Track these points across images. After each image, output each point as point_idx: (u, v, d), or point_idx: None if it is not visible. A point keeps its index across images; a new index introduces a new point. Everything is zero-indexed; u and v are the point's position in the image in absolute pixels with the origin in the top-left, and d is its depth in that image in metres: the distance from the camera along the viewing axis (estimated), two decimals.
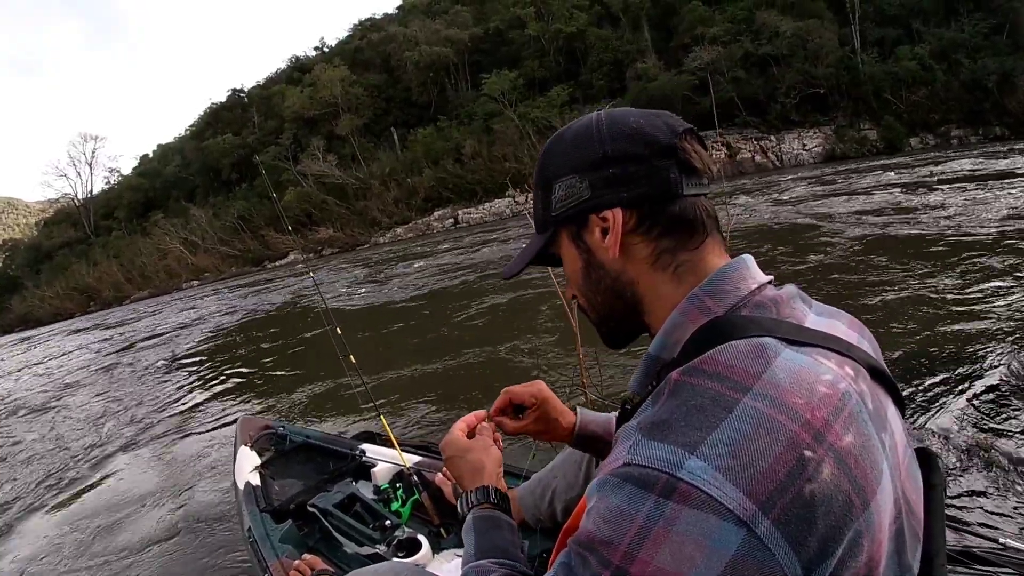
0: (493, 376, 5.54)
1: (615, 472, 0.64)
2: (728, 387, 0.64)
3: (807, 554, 0.57)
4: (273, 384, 7.18)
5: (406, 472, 2.35)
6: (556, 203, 0.85)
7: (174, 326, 16.47)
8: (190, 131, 61.32)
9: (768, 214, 13.11)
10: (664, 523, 0.58)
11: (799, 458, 0.59)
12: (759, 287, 0.78)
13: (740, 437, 0.60)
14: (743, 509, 0.57)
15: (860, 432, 0.63)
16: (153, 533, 3.58)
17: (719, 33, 35.22)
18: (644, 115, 0.82)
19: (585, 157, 0.82)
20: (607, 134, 0.81)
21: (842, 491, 0.59)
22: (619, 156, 0.79)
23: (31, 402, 9.55)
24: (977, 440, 2.86)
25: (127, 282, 43.72)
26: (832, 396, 0.64)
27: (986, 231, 7.64)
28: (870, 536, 0.61)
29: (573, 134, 0.85)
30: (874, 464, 0.63)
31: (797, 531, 0.57)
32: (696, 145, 0.81)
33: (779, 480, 0.58)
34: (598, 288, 0.87)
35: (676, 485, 0.59)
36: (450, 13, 47.94)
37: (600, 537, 0.62)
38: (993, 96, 27.97)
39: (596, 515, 0.64)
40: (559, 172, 0.85)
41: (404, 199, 38.87)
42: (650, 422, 0.66)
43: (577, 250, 0.87)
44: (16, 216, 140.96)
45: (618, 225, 0.80)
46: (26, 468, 5.70)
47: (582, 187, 0.82)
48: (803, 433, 0.60)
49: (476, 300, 9.71)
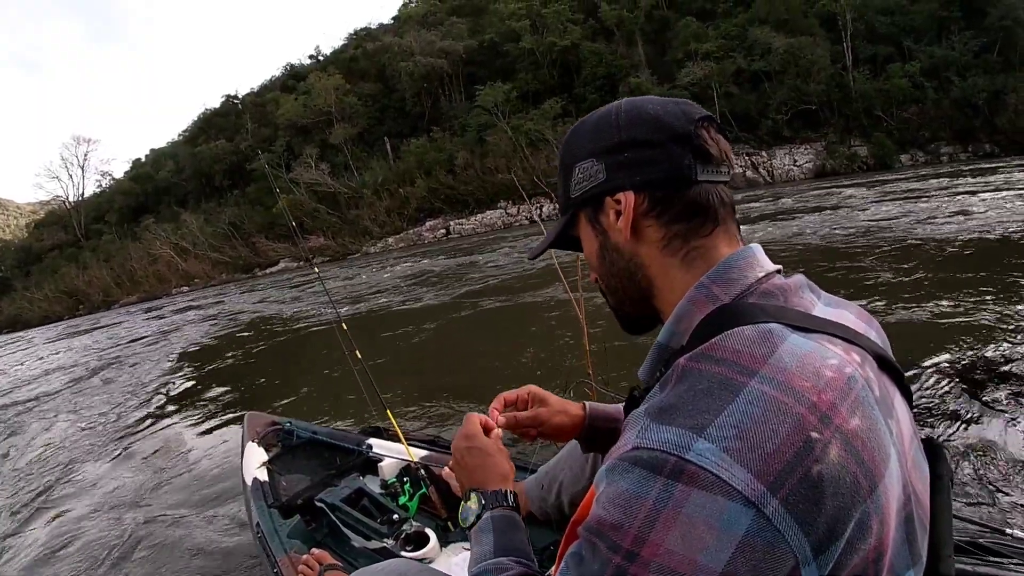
0: (497, 370, 5.57)
1: (624, 456, 0.65)
2: (735, 371, 0.64)
3: (816, 535, 0.58)
4: (279, 381, 7.16)
5: (413, 466, 2.36)
6: (575, 185, 0.88)
7: (174, 327, 16.40)
8: (183, 136, 61.35)
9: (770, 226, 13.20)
10: (673, 505, 0.59)
11: (806, 439, 0.59)
12: (766, 275, 0.80)
13: (747, 419, 0.60)
14: (751, 490, 0.57)
15: (867, 416, 0.64)
16: (161, 529, 3.56)
17: (712, 49, 35.57)
18: (663, 103, 0.84)
19: (603, 142, 0.85)
20: (624, 120, 0.83)
21: (850, 472, 0.59)
22: (635, 141, 0.82)
23: (27, 399, 9.49)
24: (985, 431, 2.89)
25: (116, 286, 43.48)
26: (838, 380, 0.64)
27: (992, 236, 7.71)
28: (878, 519, 0.61)
29: (594, 120, 0.88)
30: (881, 448, 0.64)
31: (806, 511, 0.57)
32: (713, 132, 0.82)
33: (786, 461, 0.58)
34: (612, 270, 0.89)
35: (684, 467, 0.59)
36: (445, 24, 48.05)
37: (610, 521, 0.62)
38: (983, 114, 28.37)
39: (605, 500, 0.64)
40: (579, 156, 0.87)
41: (396, 209, 38.88)
42: (658, 407, 0.66)
43: (594, 231, 0.89)
44: (7, 217, 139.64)
45: (630, 207, 0.82)
46: (27, 464, 5.67)
47: (598, 170, 0.84)
48: (809, 415, 0.60)
49: (477, 300, 9.75)
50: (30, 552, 3.67)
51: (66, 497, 4.56)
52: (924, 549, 0.73)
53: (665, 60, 38.28)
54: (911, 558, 0.68)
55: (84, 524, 3.92)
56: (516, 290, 9.84)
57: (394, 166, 41.61)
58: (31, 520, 4.25)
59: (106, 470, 5.00)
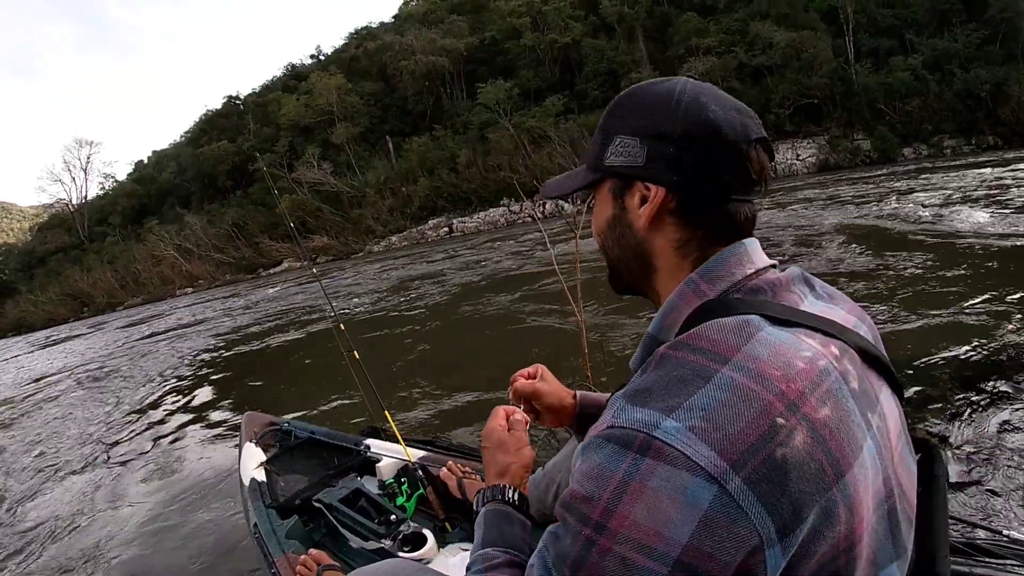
0: (496, 369, 5.56)
1: (599, 434, 0.68)
2: (708, 359, 0.67)
3: (780, 517, 0.59)
4: (277, 381, 7.18)
5: (411, 467, 2.36)
6: (610, 155, 0.86)
7: (176, 329, 16.42)
8: (186, 137, 61.33)
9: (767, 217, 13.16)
10: (640, 478, 0.61)
11: (771, 424, 0.61)
12: (756, 272, 0.81)
13: (715, 403, 0.62)
14: (714, 466, 0.59)
15: (838, 407, 0.66)
16: (158, 529, 3.57)
17: (713, 44, 35.48)
18: (725, 108, 0.81)
19: (653, 125, 0.82)
20: (683, 113, 0.80)
21: (815, 459, 0.61)
22: (685, 140, 0.79)
23: (27, 399, 9.53)
24: (981, 432, 2.87)
25: (121, 288, 43.55)
26: (810, 371, 0.66)
27: (986, 235, 7.68)
28: (847, 508, 0.63)
29: (653, 97, 0.84)
30: (852, 439, 0.65)
31: (768, 492, 0.59)
32: (762, 156, 0.82)
33: (750, 442, 0.60)
34: (617, 242, 0.90)
35: (651, 443, 0.62)
36: (446, 23, 48.03)
37: (582, 494, 0.65)
38: (986, 106, 28.18)
39: (579, 474, 0.67)
40: (623, 128, 0.85)
41: (399, 208, 38.83)
42: (634, 390, 0.69)
43: (613, 203, 0.89)
44: (10, 221, 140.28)
45: (657, 202, 0.81)
46: (24, 464, 5.67)
47: (639, 153, 0.82)
48: (777, 402, 0.62)
49: (477, 299, 9.74)
50: (27, 553, 3.68)
51: (62, 497, 4.57)
52: (910, 543, 0.73)
53: (667, 56, 38.13)
54: (895, 551, 0.70)
55: (80, 524, 3.93)
56: (517, 289, 9.82)
57: (396, 165, 41.57)
58: (27, 520, 4.26)
59: (102, 470, 5.01)
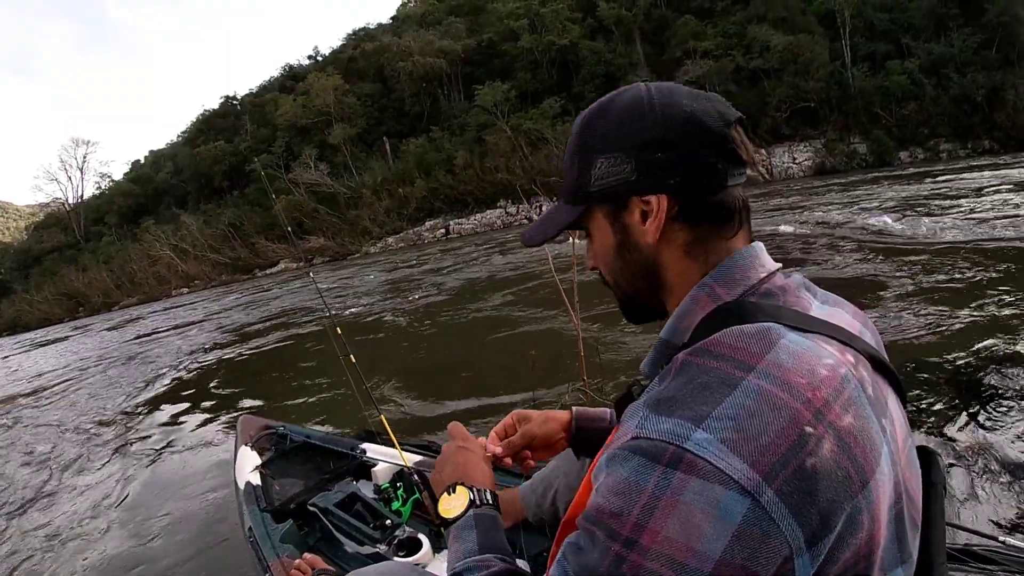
0: (493, 372, 5.56)
1: (624, 446, 0.66)
2: (733, 366, 0.66)
3: (810, 527, 0.59)
4: (273, 384, 7.15)
5: (407, 471, 2.34)
6: (596, 179, 0.82)
7: (171, 329, 16.39)
8: (182, 137, 61.14)
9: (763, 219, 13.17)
10: (672, 492, 0.60)
11: (801, 433, 0.60)
12: (768, 275, 0.80)
13: (744, 412, 0.62)
14: (747, 479, 0.59)
15: (859, 414, 0.65)
16: (153, 533, 3.56)
17: (711, 47, 35.51)
18: (695, 98, 0.79)
19: (632, 136, 0.79)
20: (659, 116, 0.78)
21: (842, 467, 0.61)
22: (669, 141, 0.77)
23: (24, 398, 9.50)
24: (978, 439, 2.88)
25: (116, 288, 43.43)
26: (833, 378, 0.65)
27: (979, 238, 7.70)
28: (869, 515, 0.63)
29: (621, 109, 0.82)
30: (873, 446, 0.65)
31: (800, 502, 0.59)
32: (743, 135, 0.80)
33: (781, 453, 0.60)
34: (628, 268, 0.86)
35: (683, 456, 0.61)
36: (444, 24, 48.00)
37: (609, 509, 0.64)
38: (982, 110, 28.29)
39: (605, 488, 0.65)
40: (602, 147, 0.81)
41: (395, 209, 38.75)
42: (656, 399, 0.68)
43: (612, 229, 0.85)
44: (6, 220, 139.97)
45: (662, 211, 0.79)
46: (19, 467, 5.64)
47: (627, 168, 0.79)
48: (804, 410, 0.62)
49: (474, 302, 9.74)
50: (23, 556, 3.66)
51: (57, 500, 4.56)
52: (915, 548, 0.73)
53: (664, 58, 38.16)
54: (901, 556, 0.69)
55: (74, 528, 3.92)
56: (512, 291, 9.83)
57: (393, 166, 41.49)
58: (22, 523, 4.24)
59: (97, 473, 4.99)
